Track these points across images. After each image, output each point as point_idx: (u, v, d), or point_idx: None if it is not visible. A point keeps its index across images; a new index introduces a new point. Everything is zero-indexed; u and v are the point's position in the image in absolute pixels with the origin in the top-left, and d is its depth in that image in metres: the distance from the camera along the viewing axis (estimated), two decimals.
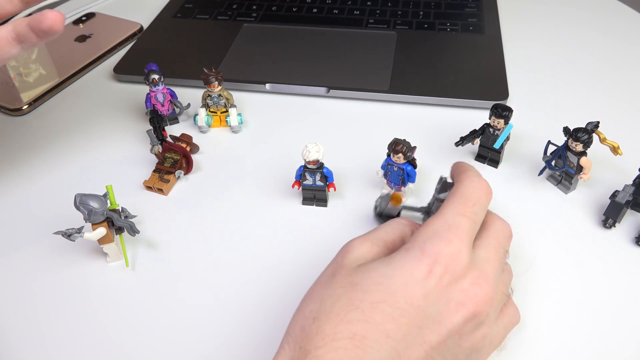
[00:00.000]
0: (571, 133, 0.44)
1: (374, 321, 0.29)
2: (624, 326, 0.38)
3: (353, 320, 0.29)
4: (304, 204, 0.47)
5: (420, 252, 0.31)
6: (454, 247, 0.31)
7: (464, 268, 0.31)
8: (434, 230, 0.32)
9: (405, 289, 0.30)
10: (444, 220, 0.32)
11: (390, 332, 0.28)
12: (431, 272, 0.30)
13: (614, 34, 0.67)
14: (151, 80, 0.52)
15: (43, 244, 0.44)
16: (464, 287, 0.30)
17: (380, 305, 0.29)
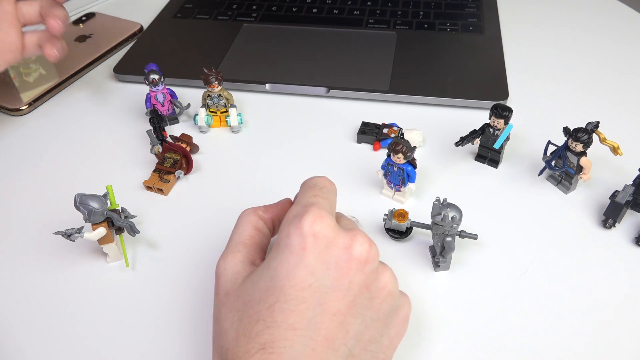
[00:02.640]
0: (571, 133, 0.44)
1: (276, 323, 0.28)
2: (625, 326, 0.38)
3: (259, 333, 0.29)
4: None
5: (287, 238, 0.30)
6: (316, 216, 0.31)
7: (333, 230, 0.31)
8: (293, 215, 0.32)
9: (291, 278, 0.29)
10: (300, 205, 0.32)
11: (295, 324, 0.28)
12: (305, 248, 0.30)
13: (614, 34, 0.67)
14: (151, 80, 0.52)
15: (43, 244, 0.44)
16: (345, 243, 0.30)
17: (276, 306, 0.29)
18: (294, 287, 0.29)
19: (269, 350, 0.28)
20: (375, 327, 0.31)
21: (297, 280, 0.29)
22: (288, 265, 0.30)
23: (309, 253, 0.30)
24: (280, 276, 0.30)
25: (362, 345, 0.30)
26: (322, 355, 0.28)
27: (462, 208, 0.38)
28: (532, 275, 0.41)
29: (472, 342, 0.37)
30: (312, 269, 0.29)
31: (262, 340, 0.28)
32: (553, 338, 0.37)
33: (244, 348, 0.29)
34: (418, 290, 0.40)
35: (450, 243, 0.38)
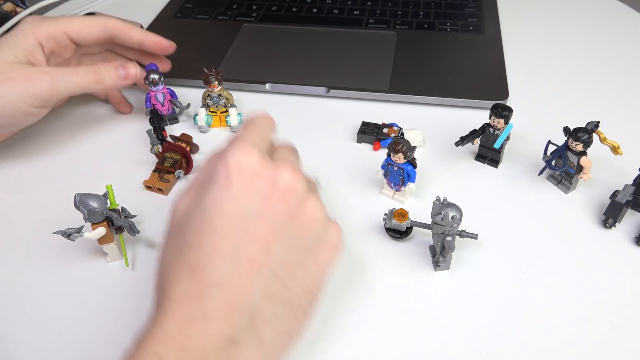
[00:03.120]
0: (571, 133, 0.44)
1: (201, 246, 0.31)
2: (625, 326, 0.38)
3: (187, 256, 0.31)
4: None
5: (215, 171, 0.33)
6: (240, 149, 0.33)
7: (258, 161, 0.32)
8: (220, 149, 0.34)
9: (216, 207, 0.31)
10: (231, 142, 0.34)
11: (220, 248, 0.30)
12: (229, 179, 0.32)
13: (614, 34, 0.67)
14: (151, 80, 0.52)
15: (43, 243, 0.44)
16: (268, 174, 0.32)
17: (201, 231, 0.31)
18: (220, 216, 0.31)
19: (194, 273, 0.30)
20: (299, 253, 0.33)
21: (223, 210, 0.31)
22: (215, 197, 0.32)
23: (234, 185, 0.32)
24: (208, 208, 0.32)
25: (287, 269, 0.32)
26: (247, 276, 0.30)
27: (462, 208, 0.38)
28: (532, 275, 0.41)
29: (472, 342, 0.37)
30: (237, 199, 0.31)
31: (189, 261, 0.31)
32: (553, 338, 0.37)
33: (174, 272, 0.31)
34: (418, 290, 0.40)
35: (450, 243, 0.38)
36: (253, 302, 0.31)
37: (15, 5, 0.81)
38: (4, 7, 0.80)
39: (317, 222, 0.34)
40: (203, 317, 0.29)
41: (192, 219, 0.32)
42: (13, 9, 0.80)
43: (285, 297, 0.32)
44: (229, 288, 0.30)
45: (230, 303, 0.30)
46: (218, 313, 0.29)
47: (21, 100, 0.45)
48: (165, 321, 0.29)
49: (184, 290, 0.30)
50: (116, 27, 0.50)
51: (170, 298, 0.30)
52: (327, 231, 0.34)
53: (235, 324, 0.30)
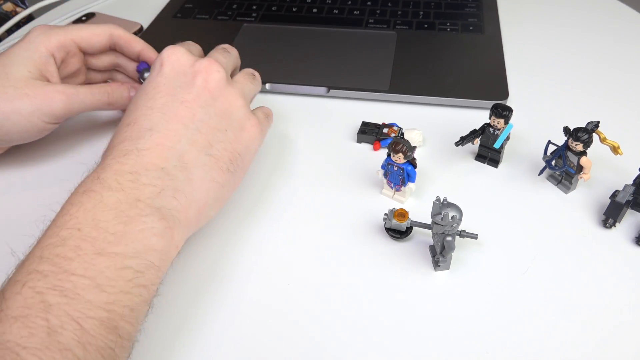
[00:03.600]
0: (571, 133, 0.44)
1: (137, 108, 0.40)
2: (625, 326, 0.38)
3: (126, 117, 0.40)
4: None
5: (152, 65, 0.44)
6: (171, 48, 0.43)
7: (185, 54, 0.43)
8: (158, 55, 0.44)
9: (151, 82, 0.41)
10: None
11: (152, 106, 0.39)
12: (162, 64, 0.42)
13: (614, 34, 0.67)
14: (143, 77, 0.52)
15: None
16: (191, 61, 0.43)
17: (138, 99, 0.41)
18: (152, 85, 0.41)
19: (132, 125, 0.38)
20: (220, 121, 0.41)
21: (155, 82, 0.41)
22: (150, 77, 0.42)
23: (164, 67, 0.42)
24: (145, 85, 0.42)
25: (208, 129, 0.40)
26: (174, 125, 0.39)
27: (462, 208, 0.38)
28: (533, 275, 0.41)
29: (472, 342, 0.37)
30: (166, 75, 0.42)
31: (128, 120, 0.39)
32: (553, 337, 0.37)
33: (116, 131, 0.39)
34: (418, 290, 0.40)
35: (451, 242, 0.38)
36: (181, 146, 0.38)
37: (15, 5, 0.81)
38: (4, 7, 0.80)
39: (238, 107, 0.42)
40: (137, 151, 0.36)
41: (134, 99, 0.42)
42: (13, 9, 0.80)
43: (209, 150, 0.39)
44: (159, 132, 0.38)
45: (161, 143, 0.37)
46: (150, 149, 0.37)
47: (37, 117, 0.46)
48: (105, 158, 0.37)
49: (122, 138, 0.37)
50: (121, 36, 0.52)
51: (110, 146, 0.38)
52: (245, 116, 0.43)
53: (165, 159, 0.37)
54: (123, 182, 0.35)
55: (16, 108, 0.44)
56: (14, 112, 0.44)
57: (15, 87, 0.45)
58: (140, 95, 0.41)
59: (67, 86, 0.47)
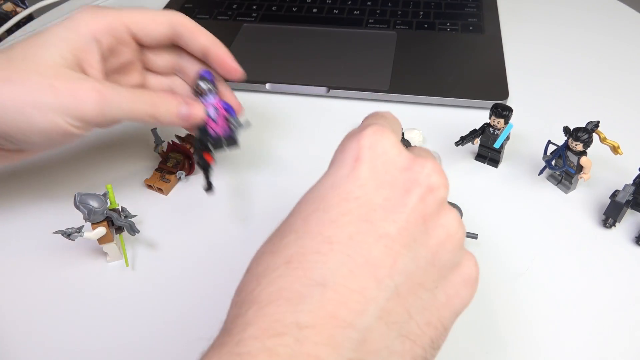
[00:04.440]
0: (571, 132, 0.44)
1: (308, 233, 0.24)
2: (625, 326, 0.38)
3: (287, 245, 0.24)
4: None
5: (341, 153, 0.27)
6: (376, 130, 0.26)
7: (395, 146, 0.26)
8: (351, 133, 0.28)
9: (336, 188, 0.25)
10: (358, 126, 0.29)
11: (333, 237, 0.24)
12: (358, 159, 0.26)
13: (614, 34, 0.67)
14: (198, 88, 0.42)
15: (42, 243, 0.44)
16: (406, 164, 0.26)
17: (313, 215, 0.25)
18: (338, 196, 0.25)
19: (294, 265, 0.23)
20: (429, 272, 0.25)
21: (343, 190, 0.25)
22: (336, 175, 0.26)
23: (362, 164, 0.25)
24: (325, 186, 0.26)
25: (412, 287, 0.24)
26: (361, 280, 0.23)
27: (462, 207, 0.38)
28: (532, 275, 0.41)
29: (472, 342, 0.37)
30: (363, 182, 0.25)
31: (289, 253, 0.24)
32: (553, 337, 0.37)
33: (264, 264, 0.24)
34: None
35: None
36: (365, 319, 0.22)
37: (15, 5, 0.81)
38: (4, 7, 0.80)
39: (454, 241, 0.26)
40: (296, 329, 0.22)
41: (305, 202, 0.26)
42: (13, 9, 0.80)
43: (405, 326, 0.24)
44: (336, 291, 0.22)
45: (335, 314, 0.22)
46: (317, 327, 0.22)
47: (60, 117, 0.35)
48: (246, 331, 0.22)
49: (275, 291, 0.23)
50: (185, 24, 0.41)
51: (254, 299, 0.23)
52: (462, 258, 0.27)
53: (337, 347, 0.22)
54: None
55: (36, 101, 0.35)
56: (32, 106, 0.35)
57: (41, 74, 0.35)
58: (314, 204, 0.25)
59: (105, 84, 0.37)
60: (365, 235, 0.24)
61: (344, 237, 0.24)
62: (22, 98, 0.34)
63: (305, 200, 0.26)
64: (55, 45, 0.36)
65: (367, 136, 0.26)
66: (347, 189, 0.25)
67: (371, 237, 0.24)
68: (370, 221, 0.24)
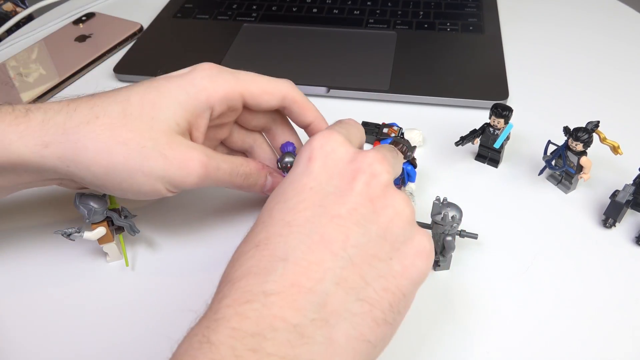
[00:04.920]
0: (571, 132, 0.44)
1: (272, 221, 0.29)
2: (625, 326, 0.38)
3: (256, 234, 0.29)
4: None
5: (298, 156, 0.32)
6: (325, 134, 0.32)
7: (342, 144, 0.31)
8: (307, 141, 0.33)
9: (294, 182, 0.30)
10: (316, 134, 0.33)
11: (292, 221, 0.28)
12: (311, 159, 0.31)
13: (614, 34, 0.67)
14: (285, 164, 0.42)
15: (43, 243, 0.44)
16: (351, 156, 0.31)
17: (276, 207, 0.30)
18: (295, 189, 0.30)
19: (261, 247, 0.28)
20: (381, 245, 0.29)
21: (299, 184, 0.30)
22: (294, 173, 0.31)
23: (313, 162, 0.31)
24: (285, 183, 0.31)
25: (365, 257, 0.28)
26: (317, 254, 0.27)
27: (462, 207, 0.38)
28: (533, 275, 0.41)
29: (472, 342, 0.37)
30: (315, 176, 0.30)
31: (257, 238, 0.28)
32: (553, 337, 0.37)
33: (239, 251, 0.29)
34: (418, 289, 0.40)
35: (451, 242, 0.38)
36: (323, 286, 0.26)
37: (15, 5, 0.81)
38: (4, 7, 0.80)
39: (403, 217, 0.30)
40: (263, 296, 0.25)
41: (270, 200, 0.31)
42: (13, 9, 0.80)
43: (362, 292, 0.27)
44: (297, 265, 0.26)
45: (297, 283, 0.26)
46: (281, 294, 0.25)
47: (162, 184, 0.36)
48: (221, 302, 0.26)
49: (246, 269, 0.27)
50: (297, 100, 0.42)
51: (230, 278, 0.27)
52: (415, 234, 0.30)
53: (300, 309, 0.25)
54: (241, 352, 0.24)
55: (146, 168, 0.35)
56: (142, 172, 0.35)
57: (156, 142, 0.35)
58: (277, 199, 0.30)
59: (210, 155, 0.37)
60: (320, 217, 0.28)
61: (302, 220, 0.28)
62: (134, 163, 0.35)
63: (271, 197, 0.31)
64: (171, 109, 0.36)
65: (317, 139, 0.31)
66: (302, 182, 0.30)
67: (325, 218, 0.28)
68: (323, 206, 0.29)
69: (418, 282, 0.30)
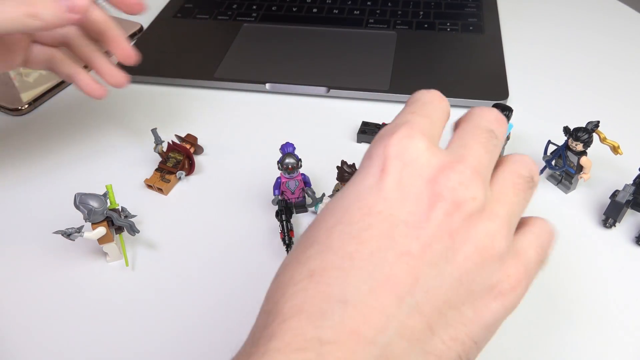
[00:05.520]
0: (571, 132, 0.44)
1: (331, 247, 0.24)
2: (625, 326, 0.38)
3: (310, 257, 0.24)
4: None
5: (368, 159, 0.26)
6: (404, 136, 0.25)
7: (424, 151, 0.25)
8: (380, 135, 0.27)
9: (360, 200, 0.25)
10: (392, 123, 0.27)
11: (354, 253, 0.23)
12: (384, 170, 0.25)
13: (614, 34, 0.67)
14: (286, 166, 0.43)
15: (43, 243, 0.44)
16: (433, 174, 0.25)
17: (335, 228, 0.24)
18: (361, 210, 0.24)
19: (316, 279, 0.23)
20: (455, 290, 0.24)
21: (366, 203, 0.24)
22: (360, 186, 0.25)
23: (387, 176, 0.25)
24: (349, 197, 0.25)
25: (435, 304, 0.23)
26: (381, 298, 0.23)
27: None
28: None
29: None
30: (387, 195, 0.24)
31: (312, 266, 0.24)
32: (553, 337, 0.37)
33: (289, 274, 0.24)
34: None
35: None
36: (385, 336, 0.22)
37: None
38: None
39: (487, 256, 0.25)
40: (318, 344, 0.22)
41: (329, 213, 0.25)
42: None
43: (428, 343, 0.23)
44: (357, 310, 0.22)
45: (355, 330, 0.22)
46: (338, 344, 0.22)
47: None
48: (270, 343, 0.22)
49: (298, 305, 0.23)
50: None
51: (278, 311, 0.23)
52: (501, 269, 0.25)
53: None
54: None
55: None
56: None
57: None
58: (338, 217, 0.25)
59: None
60: (387, 252, 0.24)
61: (366, 253, 0.23)
62: None
63: (330, 210, 0.26)
64: None
65: (394, 144, 0.25)
66: (370, 202, 0.25)
67: (392, 255, 0.23)
68: (392, 238, 0.24)
69: (493, 329, 0.25)
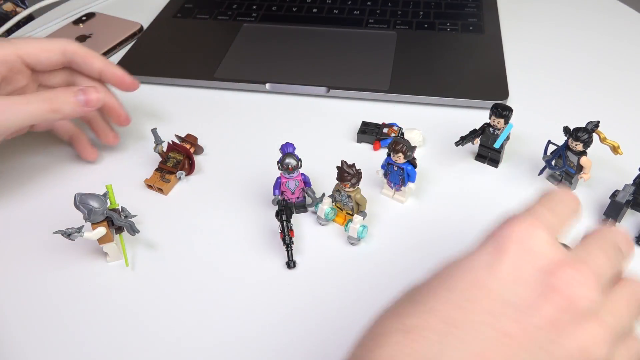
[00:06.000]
0: (571, 132, 0.44)
1: (433, 311, 0.25)
2: None
3: (410, 315, 0.25)
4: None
5: (491, 237, 0.27)
6: (530, 224, 0.26)
7: (545, 244, 0.26)
8: (504, 220, 0.27)
9: (471, 273, 0.25)
10: (519, 214, 0.28)
11: (454, 320, 0.24)
12: (503, 251, 0.25)
13: (614, 34, 0.67)
14: (286, 166, 0.43)
15: (43, 243, 0.44)
16: (550, 267, 0.25)
17: (441, 293, 0.25)
18: (470, 282, 0.25)
19: (411, 338, 0.24)
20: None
21: (478, 277, 0.25)
22: (475, 261, 0.26)
23: (504, 257, 0.25)
24: (461, 268, 0.26)
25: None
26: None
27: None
28: None
29: None
30: (499, 275, 0.25)
31: (410, 323, 0.24)
32: None
33: (387, 327, 0.25)
34: None
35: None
36: None
37: (15, 5, 0.81)
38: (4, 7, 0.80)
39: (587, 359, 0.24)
40: None
41: (437, 277, 0.26)
42: (13, 9, 0.80)
43: None
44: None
45: None
46: None
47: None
48: None
49: (391, 357, 0.24)
50: (77, 52, 0.45)
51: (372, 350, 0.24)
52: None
53: None
54: None
55: None
56: None
57: None
58: (448, 283, 0.26)
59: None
60: (487, 328, 0.24)
61: (466, 324, 0.24)
62: None
63: (439, 275, 0.26)
64: None
65: (517, 230, 0.26)
66: (481, 276, 0.25)
67: (492, 332, 0.24)
68: (496, 316, 0.24)
69: None
